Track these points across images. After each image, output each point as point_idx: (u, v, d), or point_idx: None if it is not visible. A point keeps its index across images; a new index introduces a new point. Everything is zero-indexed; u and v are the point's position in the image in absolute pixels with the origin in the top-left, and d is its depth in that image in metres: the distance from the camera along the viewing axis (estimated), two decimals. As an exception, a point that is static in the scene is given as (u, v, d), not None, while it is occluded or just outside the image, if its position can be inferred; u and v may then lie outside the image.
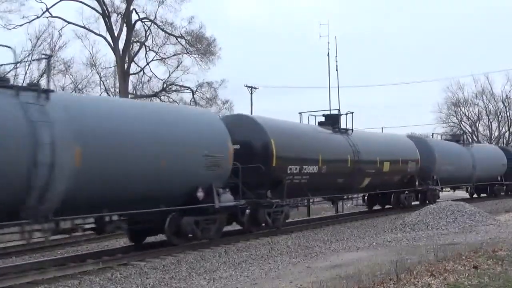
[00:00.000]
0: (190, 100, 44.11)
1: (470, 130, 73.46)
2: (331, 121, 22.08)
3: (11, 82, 11.87)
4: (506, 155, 37.17)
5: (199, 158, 14.02)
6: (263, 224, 17.36)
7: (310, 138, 19.81)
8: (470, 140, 35.77)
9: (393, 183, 25.15)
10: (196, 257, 13.02)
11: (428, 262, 10.12)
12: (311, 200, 21.21)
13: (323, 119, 22.29)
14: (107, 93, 45.53)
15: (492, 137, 71.93)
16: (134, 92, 44.48)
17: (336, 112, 23.06)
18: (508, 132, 72.67)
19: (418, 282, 8.52)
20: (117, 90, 43.06)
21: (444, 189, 31.78)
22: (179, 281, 10.58)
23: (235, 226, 17.41)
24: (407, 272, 9.15)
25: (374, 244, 14.90)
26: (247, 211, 16.59)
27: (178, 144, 13.58)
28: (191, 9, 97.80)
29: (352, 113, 22.72)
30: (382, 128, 59.09)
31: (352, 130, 22.69)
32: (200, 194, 14.00)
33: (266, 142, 16.98)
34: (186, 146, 13.80)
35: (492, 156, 36.21)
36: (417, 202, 27.38)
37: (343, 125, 22.27)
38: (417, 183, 26.41)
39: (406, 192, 26.21)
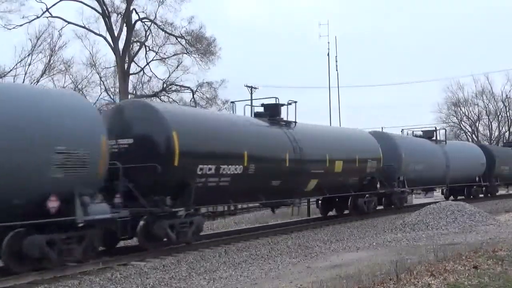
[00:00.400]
0: (190, 100, 44.21)
1: (470, 130, 73.62)
2: (270, 111, 18.59)
3: None
4: (485, 154, 33.98)
5: (49, 155, 10.53)
6: (165, 239, 13.87)
7: (232, 131, 16.09)
8: (439, 137, 32.78)
9: (350, 186, 21.63)
10: (196, 257, 13.03)
11: (428, 262, 10.12)
12: (240, 206, 17.61)
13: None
14: (107, 93, 45.64)
15: (492, 137, 72.01)
16: (134, 92, 44.53)
17: (274, 101, 19.00)
18: (508, 132, 72.70)
19: (418, 282, 8.51)
20: (117, 90, 43.09)
21: (415, 191, 29.20)
22: (179, 281, 10.59)
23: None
24: (407, 272, 9.15)
25: (374, 244, 14.89)
26: (141, 223, 13.37)
27: (12, 136, 10.09)
28: (191, 9, 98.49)
29: (296, 102, 19.13)
30: (382, 128, 59.03)
31: (295, 123, 19.07)
32: (52, 204, 10.58)
33: (167, 135, 13.45)
34: (27, 138, 10.29)
35: (469, 155, 32.92)
36: (381, 207, 24.90)
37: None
38: (378, 185, 23.13)
39: (367, 195, 22.65)
